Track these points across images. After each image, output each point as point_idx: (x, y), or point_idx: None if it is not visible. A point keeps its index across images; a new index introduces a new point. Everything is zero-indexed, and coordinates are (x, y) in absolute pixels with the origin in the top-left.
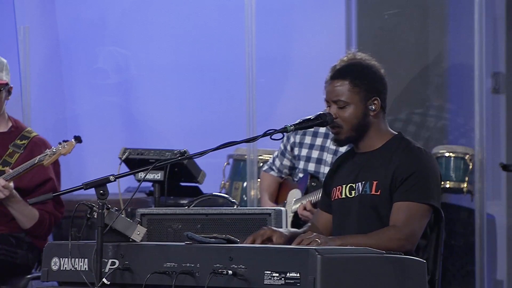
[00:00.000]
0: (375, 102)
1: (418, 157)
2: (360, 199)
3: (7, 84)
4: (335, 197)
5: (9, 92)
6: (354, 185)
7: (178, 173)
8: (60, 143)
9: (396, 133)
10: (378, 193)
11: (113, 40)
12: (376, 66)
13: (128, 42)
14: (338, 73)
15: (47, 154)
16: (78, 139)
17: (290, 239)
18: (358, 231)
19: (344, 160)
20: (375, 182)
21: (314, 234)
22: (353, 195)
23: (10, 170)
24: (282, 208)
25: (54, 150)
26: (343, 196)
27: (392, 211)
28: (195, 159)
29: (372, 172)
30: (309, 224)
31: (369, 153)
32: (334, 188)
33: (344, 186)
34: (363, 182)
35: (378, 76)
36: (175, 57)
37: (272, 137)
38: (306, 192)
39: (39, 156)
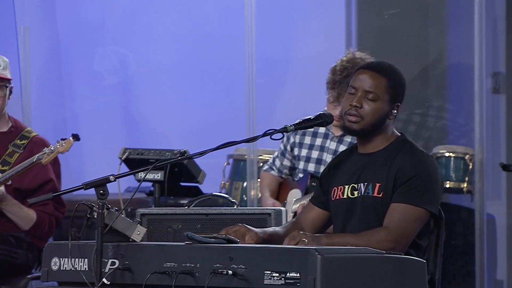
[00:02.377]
0: (397, 108)
1: (420, 160)
2: (362, 200)
3: (11, 80)
4: (336, 197)
5: (10, 92)
6: (356, 186)
7: (178, 173)
8: (58, 142)
9: (399, 134)
10: (381, 195)
11: (113, 40)
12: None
13: (128, 42)
14: (377, 67)
15: (45, 153)
16: (76, 137)
17: (265, 240)
18: (360, 232)
19: (345, 159)
20: (378, 184)
21: (301, 233)
22: (355, 195)
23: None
24: (282, 208)
25: (52, 149)
26: (345, 196)
27: (388, 211)
28: (195, 159)
29: (374, 174)
30: (293, 220)
31: (372, 154)
32: (335, 188)
33: (346, 186)
34: (366, 184)
35: (405, 85)
36: (175, 57)
37: (272, 137)
38: (306, 192)
39: (37, 155)
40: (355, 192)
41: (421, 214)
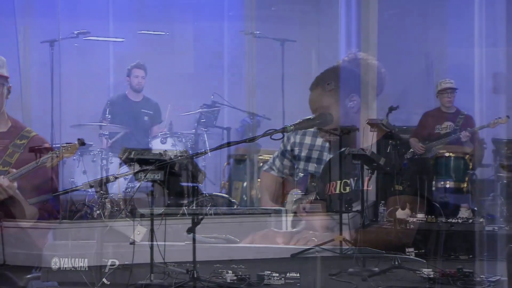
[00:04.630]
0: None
1: (411, 153)
2: (354, 194)
3: (8, 78)
4: (328, 192)
5: (8, 91)
6: (348, 182)
7: (178, 173)
8: (63, 146)
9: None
10: (370, 188)
11: (113, 39)
12: (379, 66)
13: (128, 41)
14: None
15: (50, 157)
16: (81, 142)
17: (291, 240)
18: (355, 226)
19: (338, 158)
20: (367, 178)
21: (311, 232)
22: (347, 190)
23: (14, 170)
24: (282, 208)
25: (58, 153)
26: (337, 191)
27: (388, 204)
28: (195, 159)
29: (364, 169)
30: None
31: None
32: (328, 184)
33: (338, 182)
34: (355, 178)
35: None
36: (175, 57)
37: (272, 137)
38: (306, 192)
39: (41, 158)
40: (347, 188)
41: (421, 205)
